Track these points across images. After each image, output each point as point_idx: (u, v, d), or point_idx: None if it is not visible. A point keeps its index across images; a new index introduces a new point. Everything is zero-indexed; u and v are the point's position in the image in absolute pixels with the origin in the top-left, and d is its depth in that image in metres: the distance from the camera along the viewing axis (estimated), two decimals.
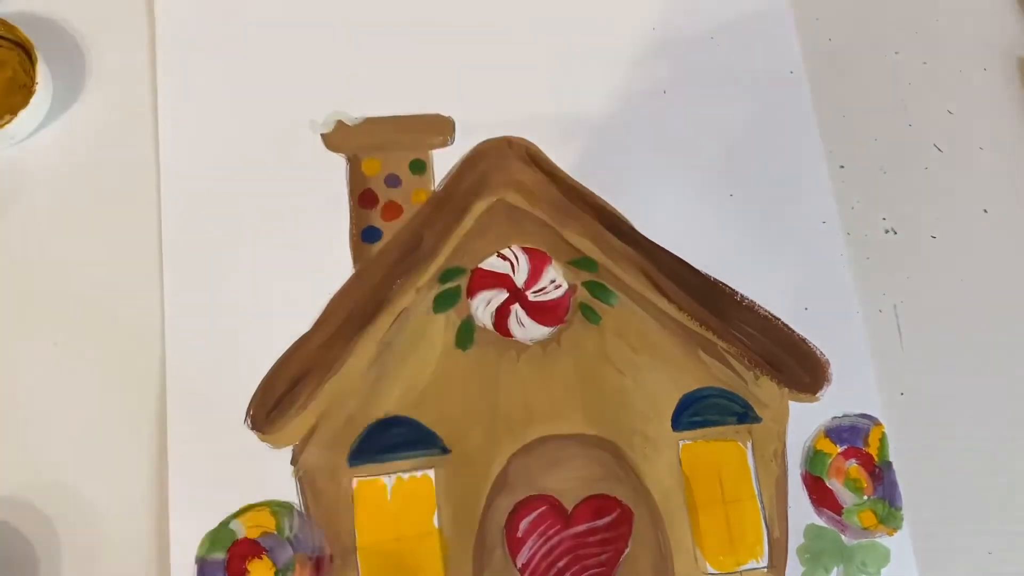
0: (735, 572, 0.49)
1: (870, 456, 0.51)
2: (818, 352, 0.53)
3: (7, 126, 0.50)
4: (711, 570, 0.49)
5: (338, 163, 0.53)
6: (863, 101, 0.59)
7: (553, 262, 0.53)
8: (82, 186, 0.53)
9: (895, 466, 0.51)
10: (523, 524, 0.49)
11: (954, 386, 0.54)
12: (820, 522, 0.50)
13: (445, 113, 0.55)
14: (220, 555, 0.47)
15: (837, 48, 0.59)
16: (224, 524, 0.47)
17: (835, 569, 0.50)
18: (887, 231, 0.56)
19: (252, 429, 0.49)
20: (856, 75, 0.59)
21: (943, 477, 0.52)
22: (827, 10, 0.60)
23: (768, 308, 0.53)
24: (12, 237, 0.52)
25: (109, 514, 0.48)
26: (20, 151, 0.53)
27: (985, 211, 0.58)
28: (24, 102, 0.50)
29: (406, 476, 0.49)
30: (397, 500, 0.49)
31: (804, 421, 0.52)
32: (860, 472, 0.51)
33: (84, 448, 0.49)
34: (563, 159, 0.55)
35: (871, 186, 0.57)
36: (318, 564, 0.47)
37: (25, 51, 0.52)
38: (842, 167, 0.57)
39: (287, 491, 0.48)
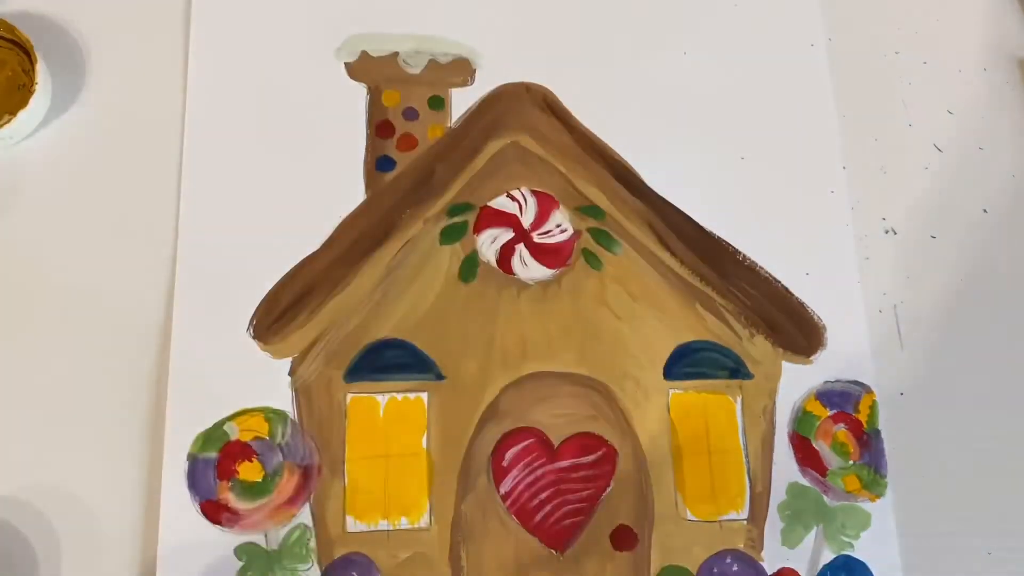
0: (715, 521, 0.50)
1: (859, 422, 0.52)
2: (815, 316, 0.53)
3: (6, 126, 0.50)
4: (691, 516, 0.50)
5: (359, 92, 0.55)
6: (863, 101, 0.59)
7: (561, 207, 0.54)
8: (81, 186, 0.53)
9: (893, 467, 0.51)
10: (509, 454, 0.50)
11: (954, 386, 0.54)
12: (803, 481, 0.51)
13: (468, 54, 0.56)
14: (212, 454, 0.48)
15: (837, 48, 0.59)
16: (218, 425, 0.48)
17: (815, 528, 0.50)
18: (887, 231, 0.57)
19: (254, 338, 0.50)
20: (856, 75, 0.59)
21: (943, 477, 0.52)
22: (827, 10, 0.60)
23: (769, 270, 0.54)
24: (11, 237, 0.52)
25: (109, 514, 0.48)
26: (19, 151, 0.53)
27: (985, 211, 0.57)
28: (23, 102, 0.50)
29: (399, 396, 0.50)
30: (389, 419, 0.50)
31: (796, 382, 0.52)
32: (848, 436, 0.51)
33: (83, 448, 0.49)
34: (580, 109, 0.55)
35: (871, 186, 0.57)
36: (306, 472, 0.48)
37: (25, 51, 0.52)
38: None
39: (283, 401, 0.49)
